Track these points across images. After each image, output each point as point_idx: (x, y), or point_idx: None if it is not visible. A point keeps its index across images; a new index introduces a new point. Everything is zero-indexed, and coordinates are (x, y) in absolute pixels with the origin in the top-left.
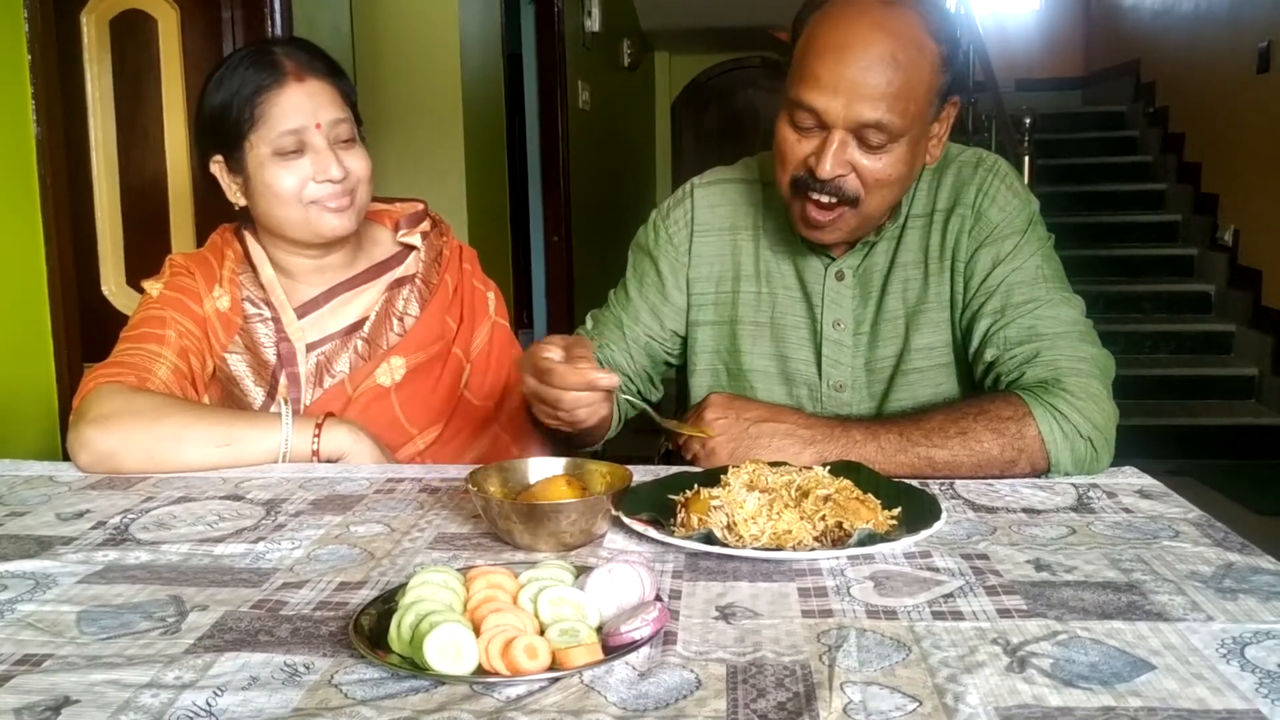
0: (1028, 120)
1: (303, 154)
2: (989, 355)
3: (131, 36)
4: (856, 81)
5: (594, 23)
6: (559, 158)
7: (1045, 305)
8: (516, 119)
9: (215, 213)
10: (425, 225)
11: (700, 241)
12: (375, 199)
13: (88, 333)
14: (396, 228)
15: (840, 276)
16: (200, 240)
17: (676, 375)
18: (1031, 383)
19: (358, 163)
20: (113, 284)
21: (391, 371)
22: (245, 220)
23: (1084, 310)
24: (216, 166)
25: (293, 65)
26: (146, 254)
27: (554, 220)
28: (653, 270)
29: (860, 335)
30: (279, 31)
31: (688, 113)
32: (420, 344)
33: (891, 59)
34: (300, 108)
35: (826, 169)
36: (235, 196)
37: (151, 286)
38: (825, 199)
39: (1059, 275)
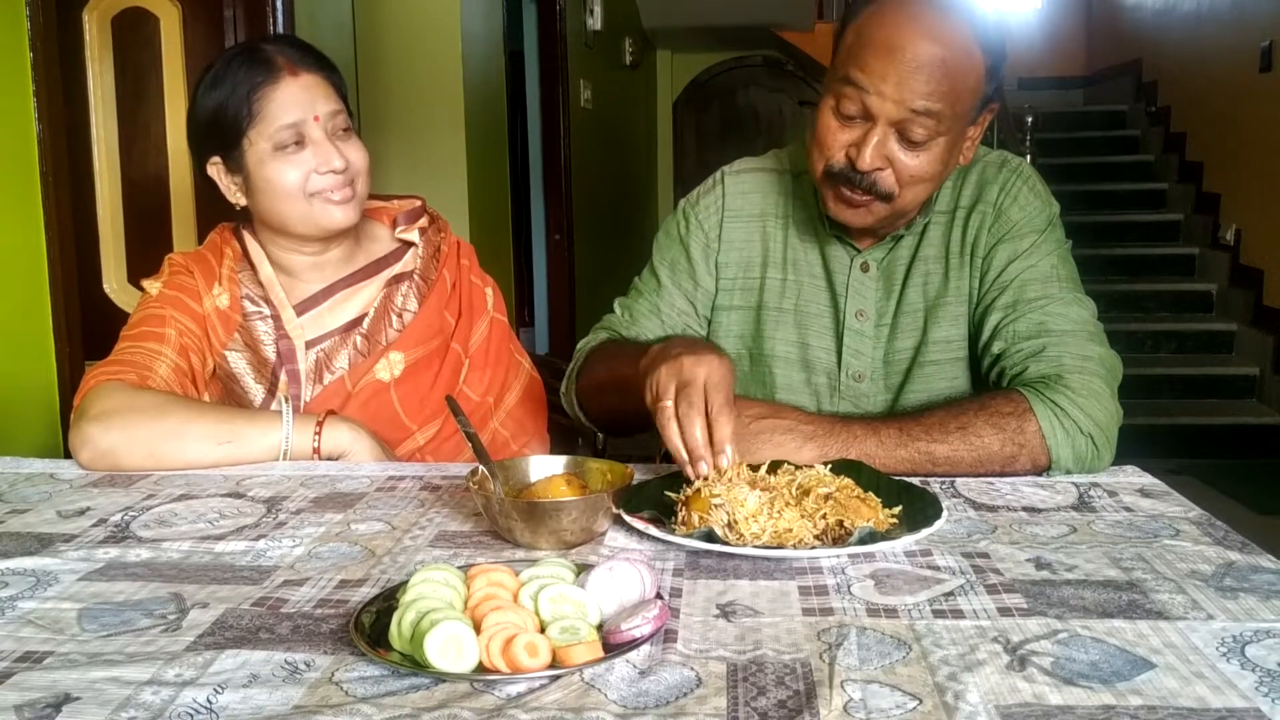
0: (1029, 119)
1: (303, 147)
2: (996, 348)
3: (133, 34)
4: (905, 79)
5: (596, 21)
6: (560, 156)
7: (1056, 303)
8: (518, 117)
9: (217, 210)
10: (423, 221)
11: (730, 227)
12: (373, 196)
13: (89, 330)
14: (394, 224)
15: (865, 268)
16: (202, 238)
17: None
18: (1034, 378)
19: (356, 154)
20: (114, 281)
21: (390, 367)
22: (245, 219)
23: (1095, 312)
24: (214, 168)
25: (285, 60)
26: (148, 251)
27: (555, 218)
28: (684, 258)
29: (881, 327)
30: (281, 29)
31: (689, 111)
32: (419, 339)
33: (941, 65)
34: (297, 101)
35: (867, 160)
36: (235, 197)
37: (151, 285)
38: (860, 196)
39: (1073, 277)
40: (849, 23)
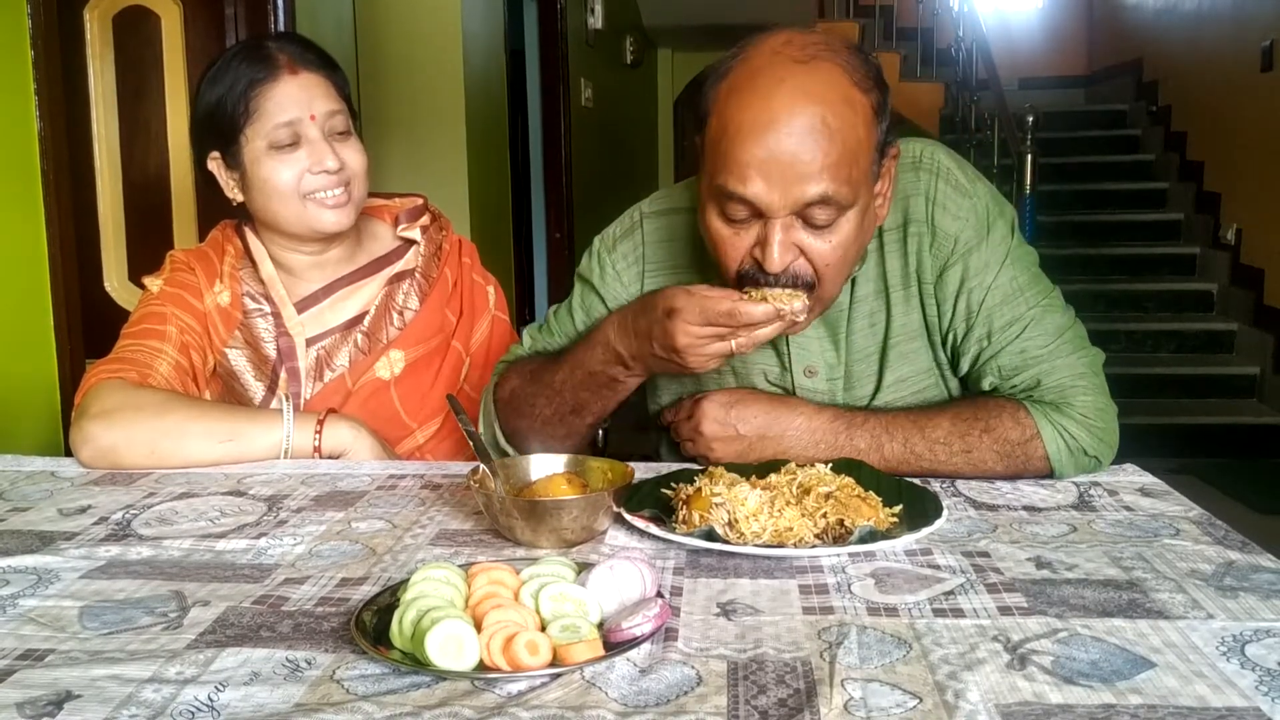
0: (1030, 119)
1: (298, 146)
2: (987, 385)
3: (134, 32)
4: (789, 161)
5: (596, 20)
6: (561, 155)
7: (1031, 324)
8: (519, 116)
9: (217, 208)
10: (425, 220)
11: (652, 280)
12: (374, 194)
13: (90, 328)
14: (396, 222)
15: None
16: (203, 236)
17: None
18: (1039, 404)
19: (353, 155)
20: (115, 280)
21: (391, 365)
22: (246, 216)
23: (1064, 304)
24: (214, 163)
25: (286, 58)
26: (149, 250)
27: (556, 217)
28: (601, 307)
29: (834, 381)
30: (281, 27)
31: (690, 110)
32: (420, 338)
33: (824, 126)
34: (294, 100)
35: (775, 261)
36: (233, 193)
37: (152, 283)
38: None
39: (1033, 277)
40: (707, 107)
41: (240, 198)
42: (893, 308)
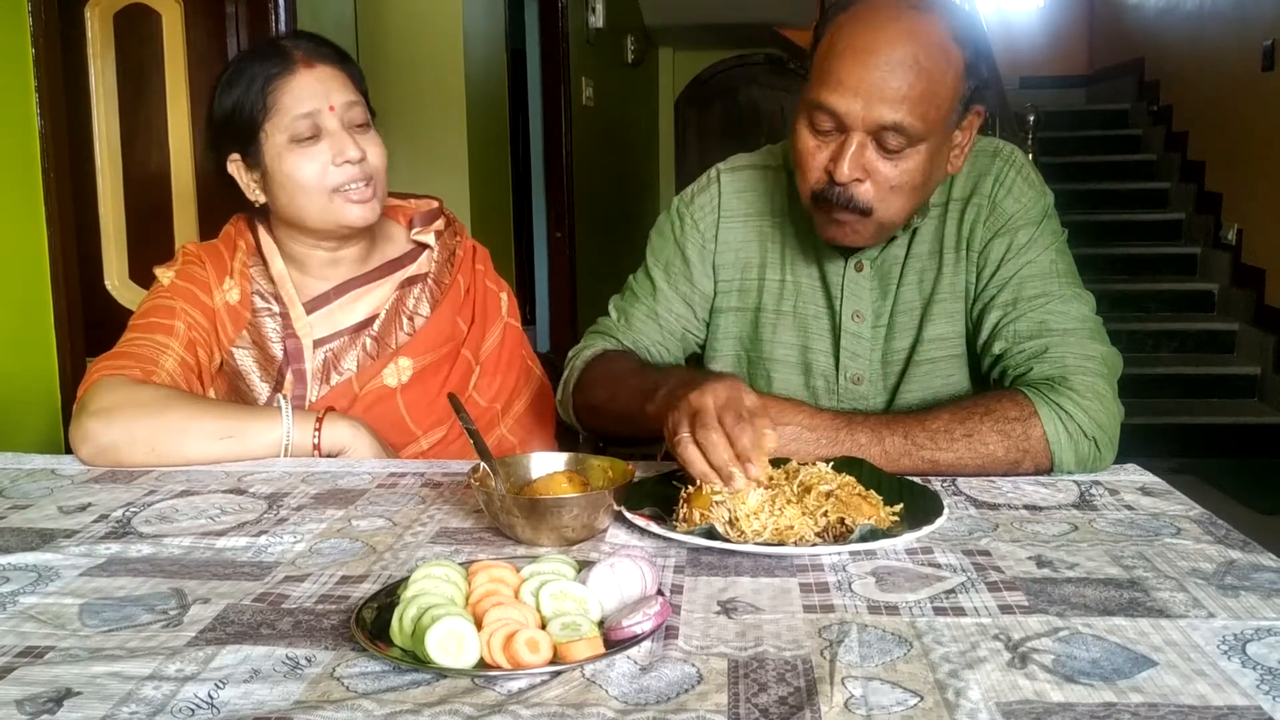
0: (1031, 118)
1: (319, 139)
2: (997, 348)
3: (135, 30)
4: (877, 84)
5: (597, 19)
6: (562, 154)
7: (1057, 300)
8: (520, 115)
9: (218, 207)
10: (439, 224)
11: (727, 227)
12: (390, 194)
13: (90, 326)
14: (410, 224)
15: (859, 268)
16: (204, 234)
17: (690, 362)
18: (1038, 379)
19: (374, 149)
20: (115, 278)
21: (399, 372)
22: (255, 212)
23: (1095, 307)
24: (234, 166)
25: (301, 53)
26: (149, 248)
27: (557, 216)
28: (679, 259)
29: (879, 328)
30: (283, 26)
31: (691, 109)
32: (429, 345)
33: (914, 62)
34: (312, 92)
35: (844, 171)
36: (254, 194)
37: (163, 274)
38: (843, 214)
39: (1071, 271)
40: (823, 33)
41: (262, 199)
42: (943, 267)
